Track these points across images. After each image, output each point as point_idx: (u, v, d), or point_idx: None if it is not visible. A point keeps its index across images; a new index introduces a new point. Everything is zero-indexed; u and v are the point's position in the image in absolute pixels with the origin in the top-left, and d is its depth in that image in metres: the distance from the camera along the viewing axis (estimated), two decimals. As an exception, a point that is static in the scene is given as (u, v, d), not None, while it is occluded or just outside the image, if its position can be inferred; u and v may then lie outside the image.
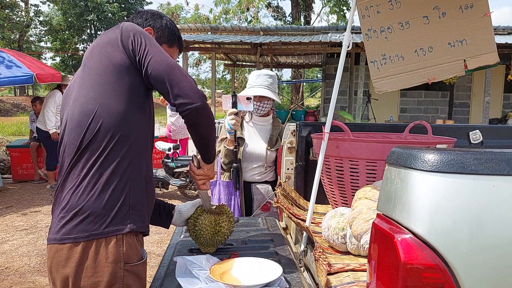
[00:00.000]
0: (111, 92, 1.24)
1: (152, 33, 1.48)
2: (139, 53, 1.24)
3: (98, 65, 1.26)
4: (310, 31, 10.22)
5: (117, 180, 1.23)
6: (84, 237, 1.18)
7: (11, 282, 3.38)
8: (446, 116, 10.62)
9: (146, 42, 1.25)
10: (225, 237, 1.58)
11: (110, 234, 1.20)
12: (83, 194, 1.20)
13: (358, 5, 1.76)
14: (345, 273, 1.31)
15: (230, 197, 2.49)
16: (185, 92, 1.23)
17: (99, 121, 1.22)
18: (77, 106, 1.26)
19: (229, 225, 1.59)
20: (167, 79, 1.22)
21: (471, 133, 2.30)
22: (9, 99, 23.29)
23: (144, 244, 1.41)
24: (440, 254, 0.76)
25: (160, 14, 1.56)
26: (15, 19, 27.13)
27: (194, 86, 1.25)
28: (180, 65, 1.28)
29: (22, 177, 7.27)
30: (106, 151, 1.22)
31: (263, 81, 2.42)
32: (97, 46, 1.30)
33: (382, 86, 1.82)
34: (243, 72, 18.27)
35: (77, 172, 1.22)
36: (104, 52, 1.27)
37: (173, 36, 1.54)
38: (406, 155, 0.83)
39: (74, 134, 1.24)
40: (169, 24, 1.54)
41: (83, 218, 1.19)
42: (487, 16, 1.68)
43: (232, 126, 2.24)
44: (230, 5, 17.32)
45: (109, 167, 1.22)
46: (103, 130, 1.22)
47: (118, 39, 1.26)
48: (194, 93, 1.23)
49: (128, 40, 1.25)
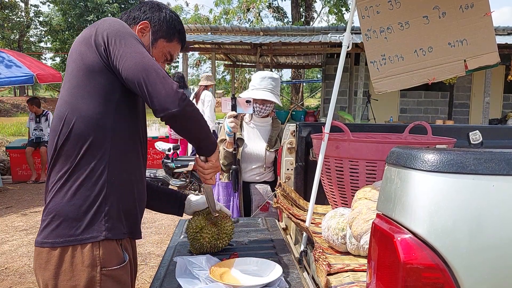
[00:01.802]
0: (82, 94, 1.19)
1: (149, 27, 1.38)
2: (112, 55, 1.16)
3: (72, 65, 1.22)
4: (310, 32, 10.22)
5: (90, 185, 1.20)
6: (60, 242, 1.18)
7: (11, 283, 3.38)
8: (446, 117, 10.62)
9: (119, 42, 1.16)
10: (218, 249, 1.59)
11: (84, 241, 1.19)
12: (58, 198, 1.20)
13: (357, 5, 1.76)
14: (345, 274, 1.31)
15: (229, 197, 2.49)
16: (159, 98, 1.13)
17: (70, 125, 1.19)
18: (56, 108, 1.25)
19: (227, 239, 1.60)
20: (141, 84, 1.14)
21: (471, 134, 2.30)
22: (9, 100, 23.29)
23: (136, 246, 1.42)
24: (440, 254, 0.75)
25: (160, 6, 1.44)
26: (15, 19, 27.13)
27: (170, 90, 1.14)
28: (158, 67, 1.16)
29: (21, 178, 7.28)
30: (79, 156, 1.19)
31: (267, 84, 2.42)
32: (74, 44, 1.24)
33: (382, 87, 1.82)
34: (243, 73, 18.27)
35: (54, 176, 1.22)
36: (79, 51, 1.21)
37: (172, 30, 1.42)
38: (406, 155, 0.83)
39: (51, 137, 1.24)
40: (168, 17, 1.41)
41: (59, 223, 1.19)
42: (488, 15, 1.67)
43: (231, 129, 2.25)
44: (230, 5, 17.33)
45: (83, 173, 1.19)
46: (74, 134, 1.19)
47: (91, 38, 1.18)
48: (170, 98, 1.13)
49: (101, 40, 1.17)
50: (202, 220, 1.57)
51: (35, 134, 7.31)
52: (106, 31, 1.18)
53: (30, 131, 7.42)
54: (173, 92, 1.14)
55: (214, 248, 1.56)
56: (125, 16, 1.42)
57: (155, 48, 1.40)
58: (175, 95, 1.14)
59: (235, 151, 2.33)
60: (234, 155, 2.34)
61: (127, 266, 1.30)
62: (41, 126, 7.33)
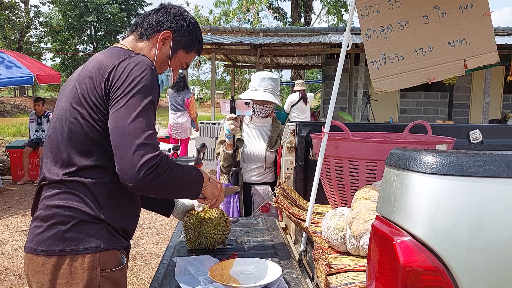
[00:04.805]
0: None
1: (171, 37, 1.33)
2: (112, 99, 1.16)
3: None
4: (310, 32, 10.24)
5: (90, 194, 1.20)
6: (56, 251, 1.17)
7: (11, 283, 3.38)
8: (446, 117, 10.63)
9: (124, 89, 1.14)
10: (223, 240, 1.61)
11: (82, 252, 1.17)
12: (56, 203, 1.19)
13: (357, 5, 1.76)
14: (344, 274, 1.31)
15: (229, 199, 2.49)
16: (122, 168, 1.09)
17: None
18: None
19: (226, 228, 1.62)
20: (114, 144, 1.11)
21: (471, 133, 2.30)
22: (9, 100, 23.32)
23: (135, 247, 1.41)
24: (439, 257, 0.75)
25: (183, 15, 1.38)
26: (15, 20, 27.15)
27: (134, 164, 1.07)
28: (141, 131, 1.11)
29: (21, 178, 7.26)
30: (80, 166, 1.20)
31: (267, 85, 2.42)
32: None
33: (382, 86, 1.81)
34: (242, 73, 18.27)
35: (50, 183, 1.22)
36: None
37: (192, 42, 1.38)
38: (405, 157, 0.83)
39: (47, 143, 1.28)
40: (191, 28, 1.37)
41: (57, 231, 1.18)
42: (487, 15, 1.67)
43: (230, 131, 2.25)
44: (230, 6, 17.33)
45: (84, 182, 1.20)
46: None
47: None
48: (132, 172, 1.07)
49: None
50: (198, 216, 1.59)
51: (36, 135, 7.31)
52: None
53: (31, 132, 7.41)
54: (136, 168, 1.08)
55: (219, 240, 1.59)
56: (147, 21, 1.35)
57: (174, 58, 1.38)
58: (137, 172, 1.08)
59: (234, 153, 2.33)
60: (234, 157, 2.34)
61: (125, 269, 1.29)
62: (43, 127, 7.33)
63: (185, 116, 6.62)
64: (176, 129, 6.63)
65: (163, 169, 1.11)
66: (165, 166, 1.12)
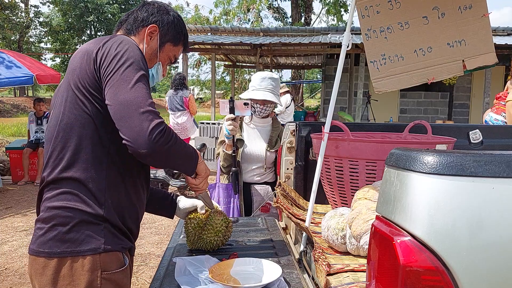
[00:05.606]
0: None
1: (157, 30, 1.36)
2: (103, 77, 1.16)
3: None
4: (310, 32, 10.24)
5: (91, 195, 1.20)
6: (57, 253, 1.17)
7: (11, 283, 3.38)
8: (446, 117, 10.63)
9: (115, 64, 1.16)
10: (223, 242, 1.61)
11: (82, 253, 1.17)
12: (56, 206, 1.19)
13: (357, 5, 1.76)
14: (344, 274, 1.31)
15: (229, 199, 2.49)
16: (131, 135, 1.09)
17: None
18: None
19: (227, 232, 1.62)
20: (117, 116, 1.12)
21: (471, 133, 2.30)
22: (9, 100, 23.32)
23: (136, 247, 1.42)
24: (439, 257, 0.75)
25: (167, 8, 1.42)
26: (15, 20, 27.14)
27: (143, 130, 1.08)
28: (142, 99, 1.12)
29: (21, 178, 7.26)
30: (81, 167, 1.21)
31: (268, 85, 2.42)
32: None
33: (382, 86, 1.82)
34: (242, 73, 18.27)
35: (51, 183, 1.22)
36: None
37: (178, 34, 1.41)
38: (405, 157, 0.83)
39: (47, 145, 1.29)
40: (176, 21, 1.40)
41: (58, 232, 1.18)
42: (486, 16, 1.68)
43: (229, 132, 2.25)
44: (230, 6, 17.34)
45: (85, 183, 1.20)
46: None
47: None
48: (141, 139, 1.08)
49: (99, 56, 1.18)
50: (200, 220, 1.58)
51: (36, 136, 7.31)
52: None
53: (30, 132, 7.41)
54: (147, 132, 1.09)
55: (220, 244, 1.59)
56: (132, 17, 1.38)
57: (162, 52, 1.40)
58: (148, 136, 1.09)
59: (234, 153, 2.33)
60: (234, 157, 2.34)
61: (127, 270, 1.29)
62: (43, 128, 7.33)
63: (185, 116, 6.63)
64: (176, 130, 6.64)
65: (170, 136, 1.14)
66: (171, 133, 1.15)
